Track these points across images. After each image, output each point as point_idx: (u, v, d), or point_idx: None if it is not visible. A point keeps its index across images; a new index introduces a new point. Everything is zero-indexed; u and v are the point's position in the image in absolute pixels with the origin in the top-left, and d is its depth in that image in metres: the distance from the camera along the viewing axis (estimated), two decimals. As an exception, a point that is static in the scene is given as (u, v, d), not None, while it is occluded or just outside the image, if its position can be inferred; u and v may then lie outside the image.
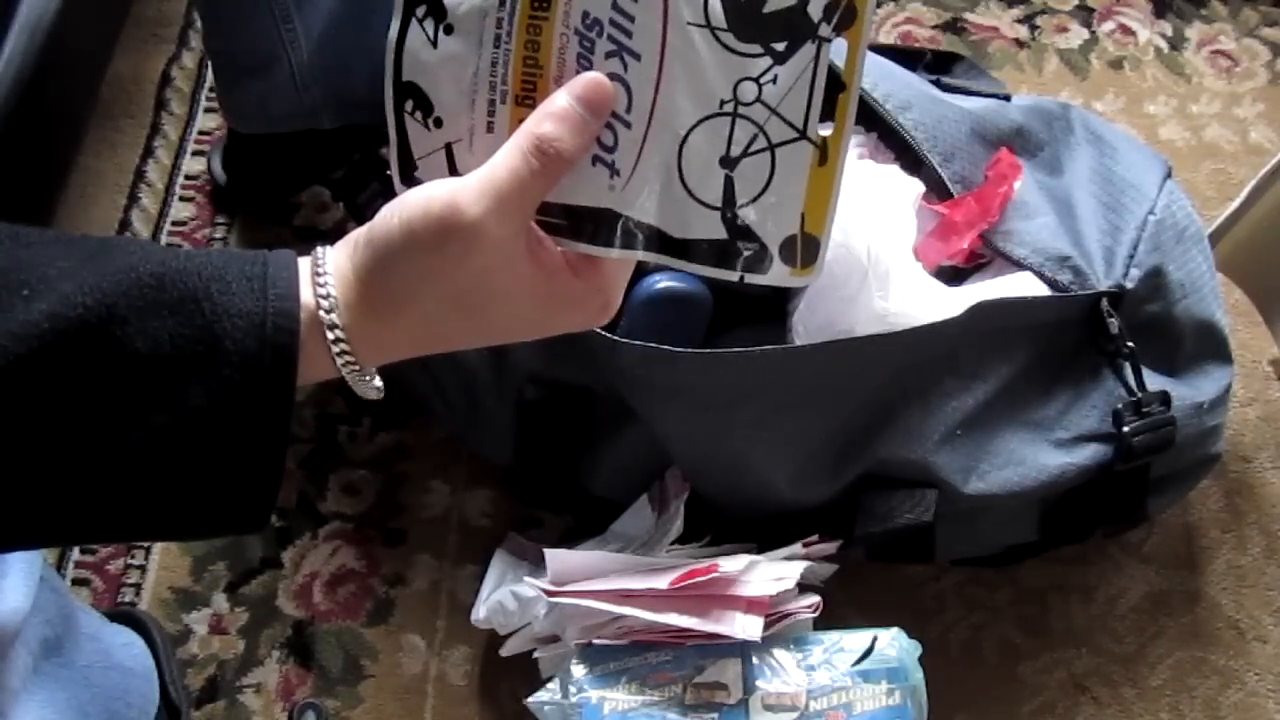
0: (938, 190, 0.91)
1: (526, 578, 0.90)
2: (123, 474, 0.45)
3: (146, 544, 1.04)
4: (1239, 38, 1.34)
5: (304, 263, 0.48)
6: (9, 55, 1.03)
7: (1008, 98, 1.00)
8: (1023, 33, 1.34)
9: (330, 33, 1.03)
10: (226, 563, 1.03)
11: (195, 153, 1.24)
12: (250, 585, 1.03)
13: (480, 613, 0.94)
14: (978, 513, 0.92)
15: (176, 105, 1.27)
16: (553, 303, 0.49)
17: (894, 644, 0.85)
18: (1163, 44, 1.34)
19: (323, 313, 0.47)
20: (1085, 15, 1.36)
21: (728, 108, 0.47)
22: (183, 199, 1.21)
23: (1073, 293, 0.89)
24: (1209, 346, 0.95)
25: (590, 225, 0.48)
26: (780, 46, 0.46)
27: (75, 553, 1.05)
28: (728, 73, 0.46)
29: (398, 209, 0.46)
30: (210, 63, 1.19)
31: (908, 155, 0.92)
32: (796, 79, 0.46)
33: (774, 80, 0.46)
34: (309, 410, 1.10)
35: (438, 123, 0.49)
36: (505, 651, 0.95)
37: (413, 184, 0.48)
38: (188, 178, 1.22)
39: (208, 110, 1.26)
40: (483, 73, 0.48)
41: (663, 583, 0.84)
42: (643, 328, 0.86)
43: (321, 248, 0.48)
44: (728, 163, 0.47)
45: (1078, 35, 1.34)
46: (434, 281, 0.46)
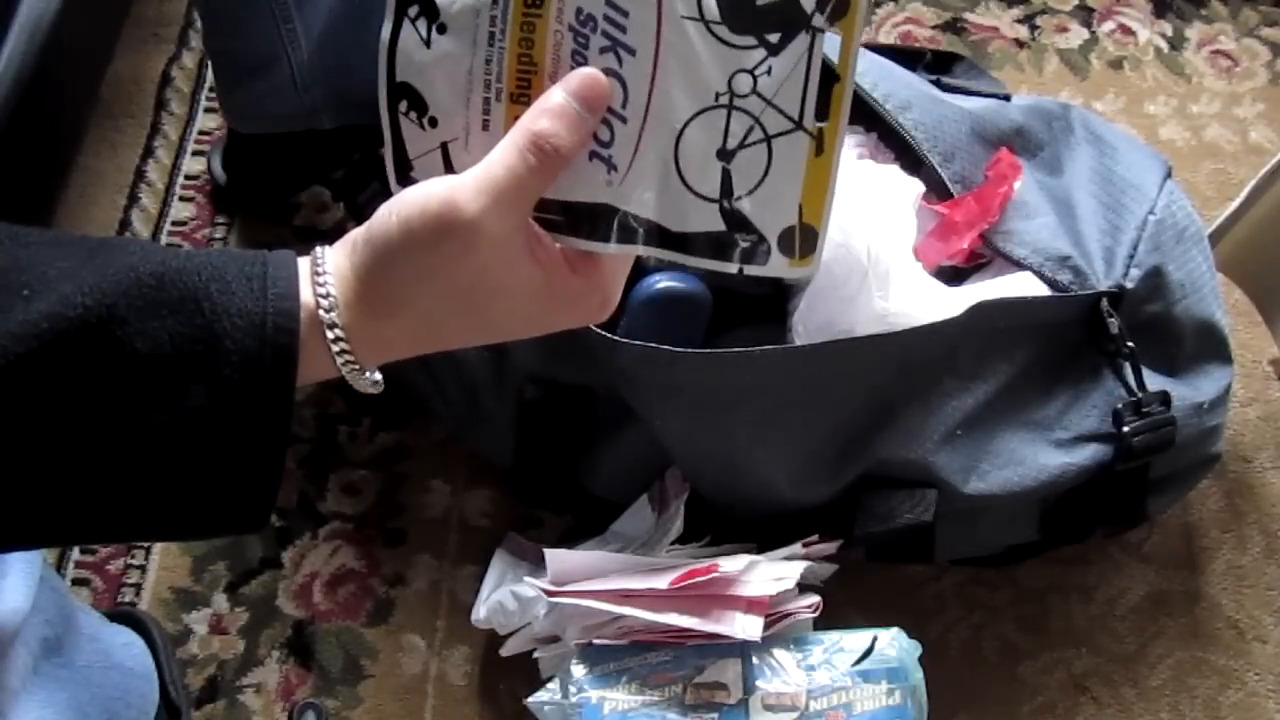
0: (938, 190, 0.91)
1: (526, 578, 0.90)
2: (123, 474, 0.45)
3: (146, 544, 1.04)
4: (1239, 38, 1.34)
5: (303, 262, 0.48)
6: (9, 55, 1.03)
7: (1008, 98, 1.00)
8: (1023, 33, 1.34)
9: (330, 33, 1.03)
10: (226, 563, 1.03)
11: (195, 153, 1.24)
12: (250, 585, 1.03)
13: (480, 613, 0.94)
14: (978, 513, 0.92)
15: (176, 105, 1.27)
16: (552, 300, 0.49)
17: (894, 644, 0.85)
18: (1163, 44, 1.34)
19: (322, 312, 0.47)
20: (1085, 15, 1.36)
21: (723, 100, 0.47)
22: (183, 199, 1.21)
23: (1073, 293, 0.89)
24: (1209, 346, 0.95)
25: (588, 221, 0.48)
26: (774, 38, 0.46)
27: (75, 553, 1.05)
28: (722, 65, 0.46)
29: (395, 208, 0.46)
30: (210, 63, 1.19)
31: (908, 155, 0.92)
32: (791, 70, 0.46)
33: (769, 72, 0.46)
34: (309, 410, 1.10)
35: (432, 122, 0.49)
36: (505, 651, 0.95)
37: (409, 184, 0.47)
38: (188, 178, 1.22)
39: (208, 110, 1.26)
40: (477, 71, 0.48)
41: (663, 583, 0.84)
42: (642, 328, 0.86)
43: (321, 247, 0.48)
44: (724, 155, 0.47)
45: (1078, 35, 1.34)
46: (432, 280, 0.46)
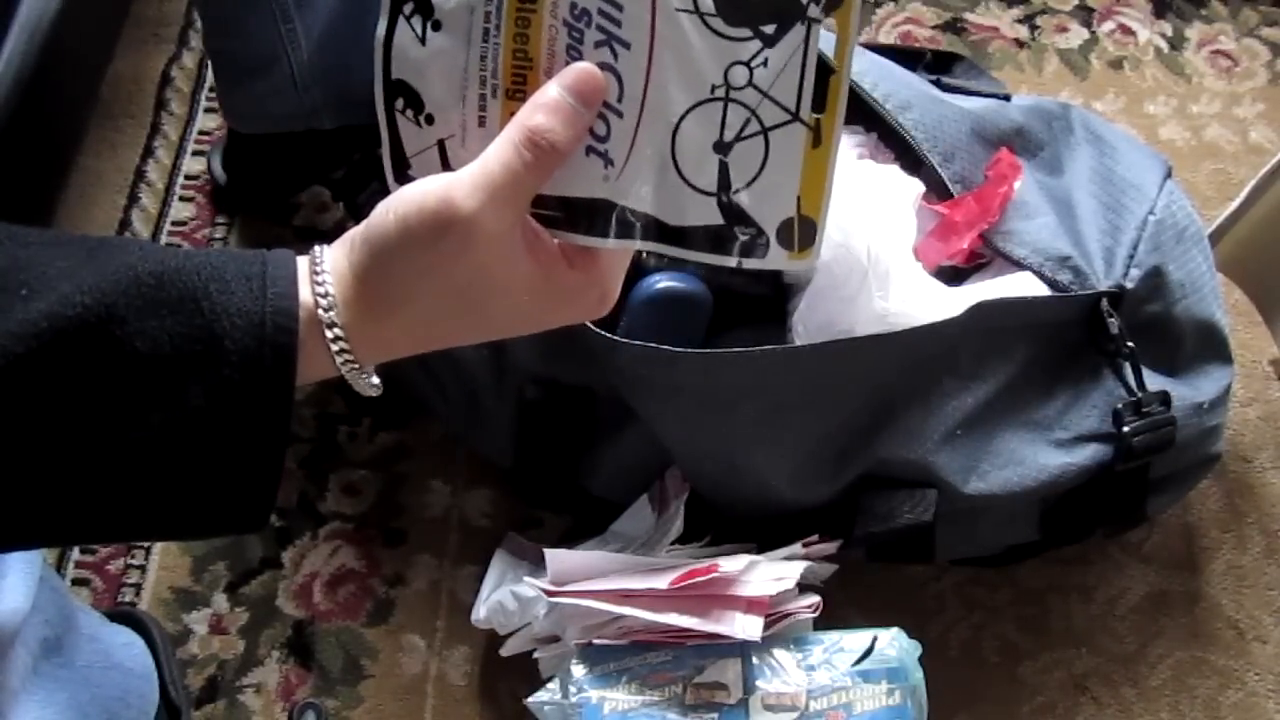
0: (938, 190, 0.91)
1: (526, 578, 0.90)
2: (122, 474, 0.45)
3: (146, 544, 1.04)
4: (1239, 38, 1.34)
5: (302, 262, 0.48)
6: (9, 55, 1.03)
7: (1008, 98, 1.00)
8: (1023, 33, 1.34)
9: (330, 33, 1.03)
10: (226, 563, 1.03)
11: (195, 153, 1.24)
12: (250, 585, 1.03)
13: (480, 613, 0.94)
14: (978, 513, 0.92)
15: (176, 105, 1.27)
16: (550, 296, 0.49)
17: (894, 644, 0.85)
18: (1163, 44, 1.34)
19: (321, 311, 0.46)
20: (1085, 15, 1.36)
21: (719, 93, 0.47)
22: (183, 199, 1.21)
23: (1073, 293, 0.89)
24: (1209, 346, 0.95)
25: (586, 216, 0.48)
26: (769, 29, 0.46)
27: (75, 553, 1.05)
28: (718, 58, 0.46)
29: (392, 205, 0.46)
30: (210, 63, 1.19)
31: (908, 155, 0.92)
32: (787, 61, 0.46)
33: (765, 64, 0.46)
34: (309, 410, 1.10)
35: (429, 119, 0.49)
36: (505, 651, 0.95)
37: (406, 182, 0.47)
38: (188, 178, 1.22)
39: (208, 110, 1.26)
40: (472, 68, 0.48)
41: (663, 583, 0.84)
42: (642, 327, 0.86)
43: (319, 247, 0.48)
44: (721, 148, 0.47)
45: (1078, 35, 1.34)
46: (431, 277, 0.46)
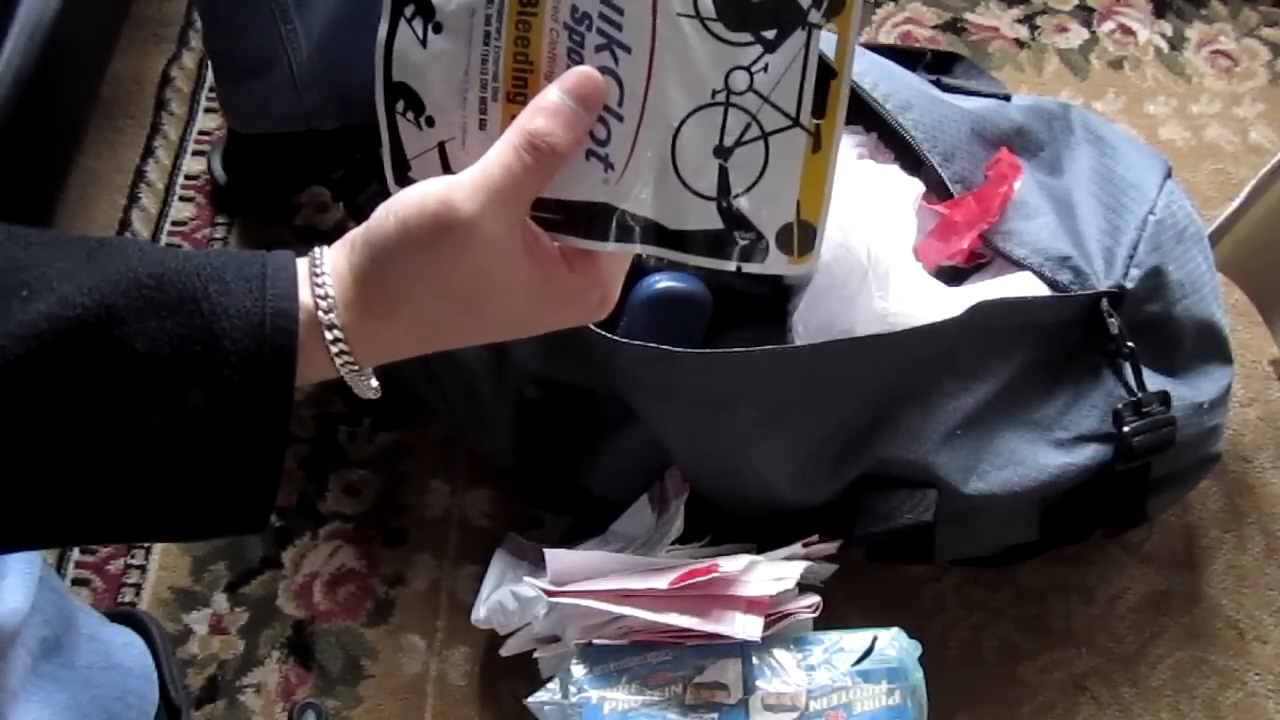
0: (938, 190, 0.91)
1: (526, 578, 0.90)
2: (121, 474, 0.45)
3: (146, 544, 1.04)
4: (1239, 38, 1.34)
5: (302, 263, 0.48)
6: (9, 55, 1.03)
7: (1008, 98, 1.00)
8: (1023, 33, 1.34)
9: (330, 33, 1.03)
10: (226, 563, 1.03)
11: (195, 153, 1.24)
12: (250, 585, 1.03)
13: (480, 613, 0.94)
14: (978, 513, 0.92)
15: (176, 105, 1.27)
16: (550, 298, 0.49)
17: (894, 644, 0.85)
18: (1163, 44, 1.34)
19: (321, 313, 0.47)
20: (1085, 15, 1.36)
21: (720, 97, 0.47)
22: (183, 199, 1.21)
23: (1073, 293, 0.89)
24: (1209, 346, 0.95)
25: (586, 220, 0.48)
26: (770, 34, 0.46)
27: (75, 553, 1.05)
28: (719, 62, 0.46)
29: (393, 208, 0.46)
30: (210, 63, 1.19)
31: (908, 155, 0.92)
32: (788, 67, 0.46)
33: (765, 69, 0.46)
34: (309, 410, 1.10)
35: (429, 122, 0.49)
36: (505, 651, 0.95)
37: (407, 184, 0.47)
38: (188, 178, 1.22)
39: (208, 110, 1.26)
40: (473, 70, 0.48)
41: (663, 583, 0.84)
42: (642, 328, 0.86)
43: (319, 248, 0.48)
44: (721, 152, 0.47)
45: (1078, 35, 1.34)
46: (430, 280, 0.46)
